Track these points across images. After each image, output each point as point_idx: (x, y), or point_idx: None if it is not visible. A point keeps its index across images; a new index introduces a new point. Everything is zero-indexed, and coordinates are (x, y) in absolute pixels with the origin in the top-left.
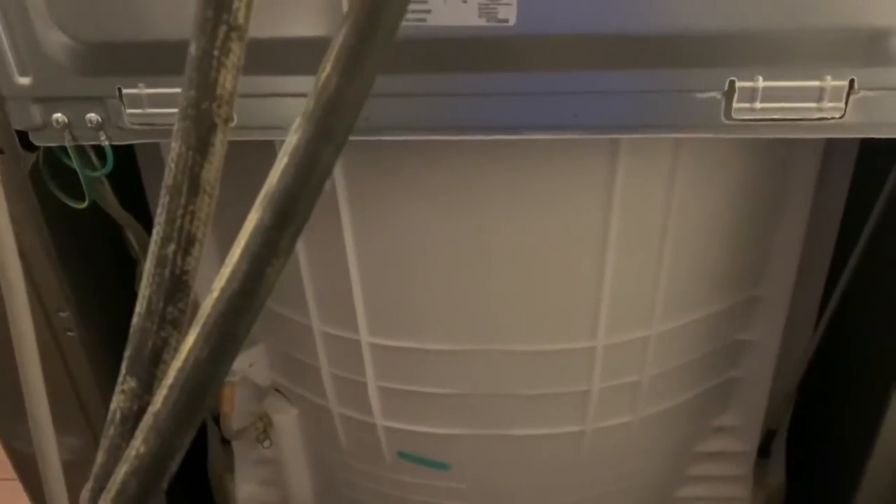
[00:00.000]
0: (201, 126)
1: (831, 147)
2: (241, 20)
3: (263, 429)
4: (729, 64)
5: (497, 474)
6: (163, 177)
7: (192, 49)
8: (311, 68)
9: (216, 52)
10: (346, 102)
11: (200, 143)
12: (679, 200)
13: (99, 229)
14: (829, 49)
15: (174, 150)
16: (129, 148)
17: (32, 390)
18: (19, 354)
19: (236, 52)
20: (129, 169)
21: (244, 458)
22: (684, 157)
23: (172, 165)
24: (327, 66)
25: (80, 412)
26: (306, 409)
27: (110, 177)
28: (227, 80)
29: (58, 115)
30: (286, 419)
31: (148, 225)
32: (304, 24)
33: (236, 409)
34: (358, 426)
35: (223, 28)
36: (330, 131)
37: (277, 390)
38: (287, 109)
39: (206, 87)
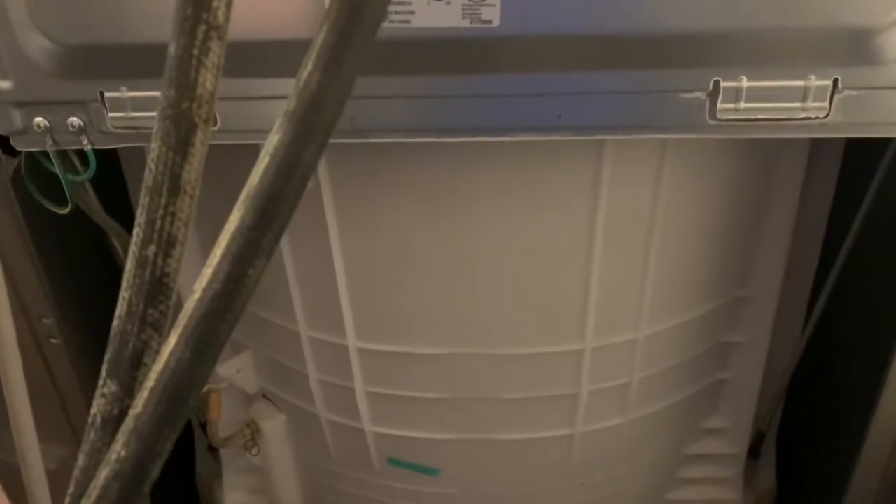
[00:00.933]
0: (181, 126)
1: (817, 147)
2: (220, 19)
3: (251, 436)
4: (713, 64)
5: (486, 479)
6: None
7: (172, 49)
8: (292, 70)
9: (196, 52)
10: (327, 100)
11: (180, 143)
12: (665, 201)
13: (82, 235)
14: (813, 49)
15: (154, 150)
16: (113, 152)
17: (15, 398)
18: (1, 362)
19: (216, 51)
20: (112, 174)
21: (232, 465)
22: (670, 158)
23: (152, 166)
24: (308, 64)
25: (64, 420)
26: (294, 415)
27: (94, 182)
28: (207, 80)
29: (39, 120)
30: (274, 426)
31: (132, 230)
32: (288, 27)
33: (223, 416)
34: (346, 432)
35: (202, 27)
36: (311, 130)
37: (265, 397)
38: (272, 112)
39: (185, 87)
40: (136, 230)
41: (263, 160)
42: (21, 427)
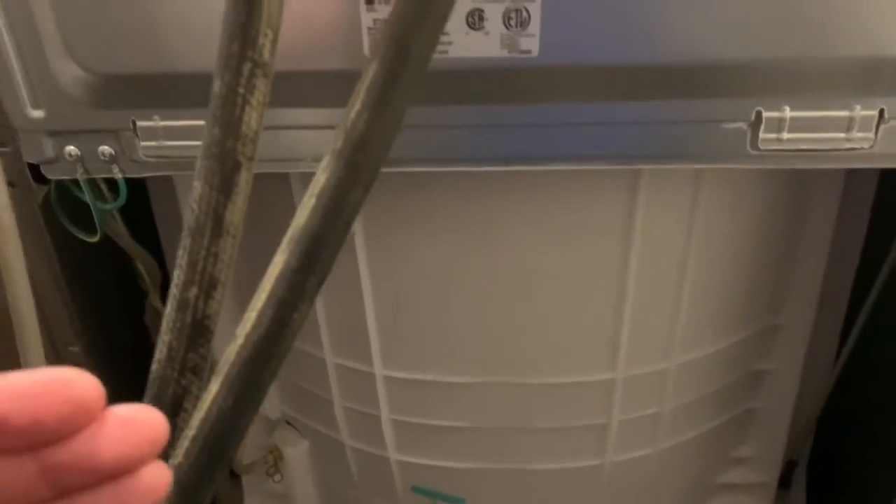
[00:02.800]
0: (225, 165)
1: (853, 174)
2: (266, 57)
3: (274, 462)
4: (755, 94)
5: None
6: (174, 208)
7: (216, 86)
8: (323, 101)
9: (241, 90)
10: (375, 140)
11: (224, 182)
12: (700, 229)
13: (109, 262)
14: (857, 78)
15: (196, 189)
16: (140, 179)
17: None
18: None
19: (261, 89)
20: (139, 200)
21: (254, 492)
22: (706, 186)
23: (195, 206)
24: (356, 104)
25: None
26: (318, 441)
27: (120, 208)
28: (251, 119)
29: (70, 148)
30: (297, 452)
31: (158, 256)
32: (318, 58)
33: (246, 441)
34: (370, 460)
35: (248, 65)
36: (359, 170)
37: (288, 422)
38: (298, 141)
39: (230, 126)
40: (176, 272)
41: (309, 201)
42: None
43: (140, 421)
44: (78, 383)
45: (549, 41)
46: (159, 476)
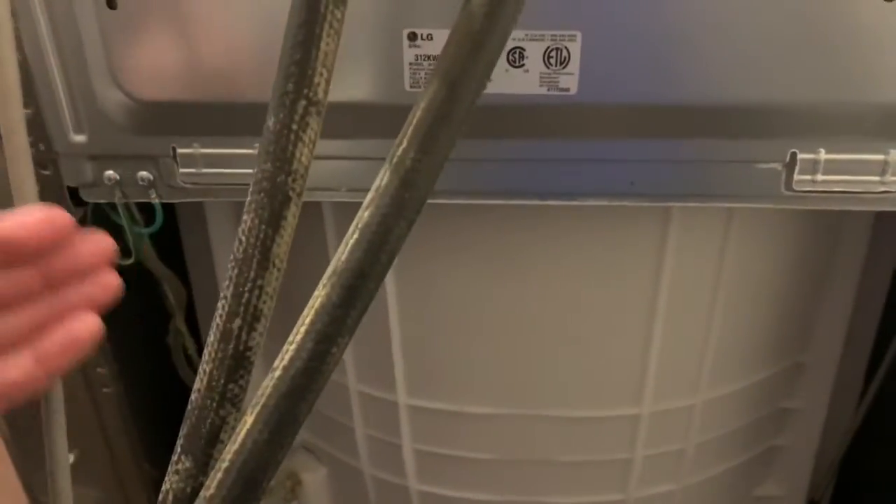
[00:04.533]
0: (275, 199)
1: (882, 214)
2: (320, 95)
3: (291, 488)
4: (791, 136)
5: None
6: (202, 230)
7: (270, 122)
8: (360, 132)
9: (294, 127)
10: (421, 178)
11: (273, 216)
12: (730, 266)
13: (137, 284)
14: (892, 123)
15: (245, 222)
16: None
17: (55, 446)
18: (46, 412)
19: (314, 127)
20: (165, 222)
21: None
22: (737, 224)
23: (243, 238)
24: (404, 142)
25: (110, 468)
26: (337, 468)
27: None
28: (303, 155)
29: (110, 173)
30: (315, 478)
31: (183, 278)
32: (359, 90)
33: None
34: (390, 489)
35: (303, 103)
36: (404, 207)
37: (307, 448)
38: (333, 172)
39: (282, 161)
40: (220, 303)
41: (352, 236)
42: (57, 473)
43: (100, 240)
44: (62, 216)
45: (588, 80)
46: (114, 279)
